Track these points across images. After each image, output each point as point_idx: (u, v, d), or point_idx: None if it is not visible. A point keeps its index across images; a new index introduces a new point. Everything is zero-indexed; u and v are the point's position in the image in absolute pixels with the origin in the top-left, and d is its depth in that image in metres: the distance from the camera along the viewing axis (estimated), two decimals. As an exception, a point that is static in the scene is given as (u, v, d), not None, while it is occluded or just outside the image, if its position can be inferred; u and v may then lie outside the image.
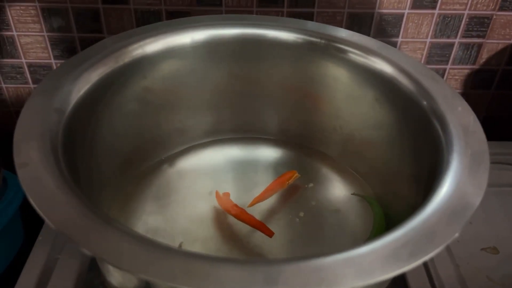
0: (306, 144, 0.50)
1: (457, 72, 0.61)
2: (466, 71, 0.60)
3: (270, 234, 0.40)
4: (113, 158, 0.42)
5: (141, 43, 0.40)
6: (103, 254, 0.23)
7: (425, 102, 0.36)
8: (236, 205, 0.42)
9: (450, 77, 0.61)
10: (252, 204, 0.43)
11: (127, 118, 0.42)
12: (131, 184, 0.45)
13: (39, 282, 0.40)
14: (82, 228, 0.25)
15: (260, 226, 0.41)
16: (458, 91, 0.62)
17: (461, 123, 0.34)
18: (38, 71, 0.59)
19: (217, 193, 0.44)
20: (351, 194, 0.46)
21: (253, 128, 0.51)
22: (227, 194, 0.44)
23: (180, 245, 0.40)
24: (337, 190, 0.46)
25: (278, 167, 0.48)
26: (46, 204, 0.26)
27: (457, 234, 0.26)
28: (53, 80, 0.35)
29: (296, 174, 0.46)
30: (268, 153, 0.50)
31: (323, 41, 0.43)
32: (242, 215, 0.41)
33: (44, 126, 0.31)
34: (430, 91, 0.36)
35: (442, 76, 0.61)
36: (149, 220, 0.42)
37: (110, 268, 0.33)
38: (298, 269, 0.24)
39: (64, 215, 0.25)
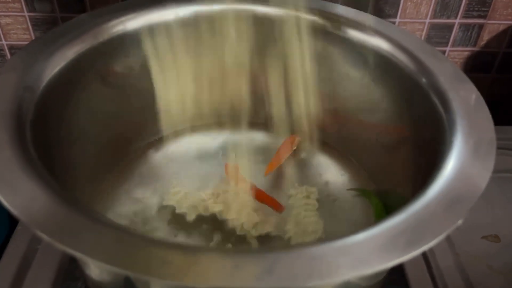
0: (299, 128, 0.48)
1: (457, 54, 0.59)
2: (466, 53, 0.58)
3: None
4: (94, 143, 0.40)
5: (122, 18, 0.38)
6: (68, 245, 0.21)
7: (424, 80, 0.34)
8: (254, 186, 0.41)
9: (450, 59, 0.59)
10: (268, 172, 0.43)
11: (108, 100, 0.40)
12: (115, 170, 0.43)
13: (18, 273, 0.38)
14: (45, 215, 0.23)
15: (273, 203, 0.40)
16: (458, 74, 0.60)
17: (465, 101, 0.32)
18: (20, 53, 0.57)
19: (226, 166, 0.42)
20: (347, 189, 0.43)
21: (243, 111, 0.48)
22: (237, 169, 0.42)
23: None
24: (334, 178, 0.44)
25: (271, 152, 0.45)
26: (9, 189, 0.23)
27: (460, 221, 0.24)
28: (24, 56, 0.32)
29: (298, 138, 0.45)
30: (259, 138, 0.48)
31: (316, 17, 0.40)
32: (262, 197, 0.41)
33: (13, 105, 0.29)
34: (430, 68, 0.34)
35: (442, 58, 0.59)
36: (134, 208, 0.40)
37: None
38: (293, 258, 0.22)
39: (28, 202, 0.23)
